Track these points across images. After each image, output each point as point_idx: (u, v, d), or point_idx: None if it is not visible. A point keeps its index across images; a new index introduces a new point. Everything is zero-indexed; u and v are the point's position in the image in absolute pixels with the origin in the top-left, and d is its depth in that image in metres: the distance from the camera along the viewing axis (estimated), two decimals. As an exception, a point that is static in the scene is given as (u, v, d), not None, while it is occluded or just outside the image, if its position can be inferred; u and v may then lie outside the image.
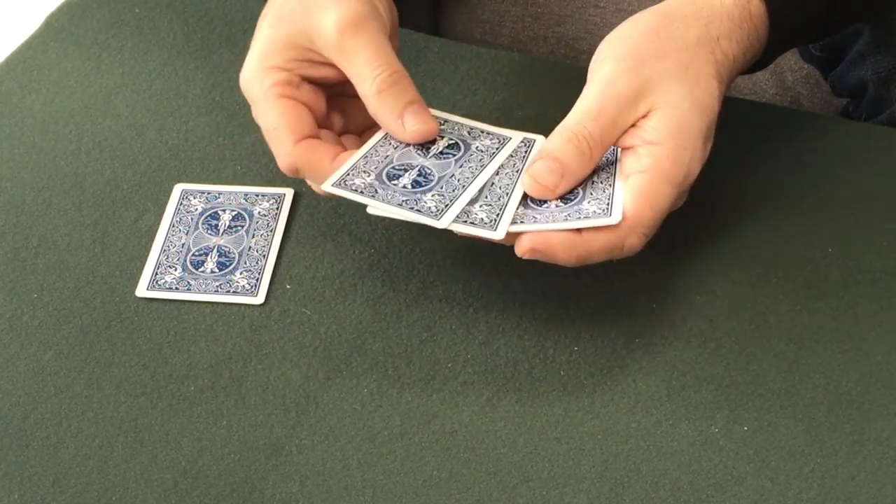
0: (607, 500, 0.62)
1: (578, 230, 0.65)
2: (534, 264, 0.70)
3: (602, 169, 0.67)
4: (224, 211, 0.77)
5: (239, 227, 0.76)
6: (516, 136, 0.70)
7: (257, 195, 0.77)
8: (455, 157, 0.69)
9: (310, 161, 0.68)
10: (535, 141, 0.70)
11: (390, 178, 0.67)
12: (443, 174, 0.67)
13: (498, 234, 0.64)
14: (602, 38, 0.71)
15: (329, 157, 0.68)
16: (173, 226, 0.76)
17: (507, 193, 0.66)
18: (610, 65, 0.68)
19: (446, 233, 0.70)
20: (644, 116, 0.67)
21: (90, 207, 0.78)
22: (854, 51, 0.87)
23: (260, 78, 0.69)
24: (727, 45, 0.69)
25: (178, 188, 0.78)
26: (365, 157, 0.68)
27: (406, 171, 0.67)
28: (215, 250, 0.74)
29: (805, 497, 0.62)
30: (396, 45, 0.74)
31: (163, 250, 0.74)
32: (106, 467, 0.65)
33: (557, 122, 0.68)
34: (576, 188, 0.67)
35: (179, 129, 0.82)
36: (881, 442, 0.64)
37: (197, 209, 0.77)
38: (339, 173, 0.67)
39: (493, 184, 0.67)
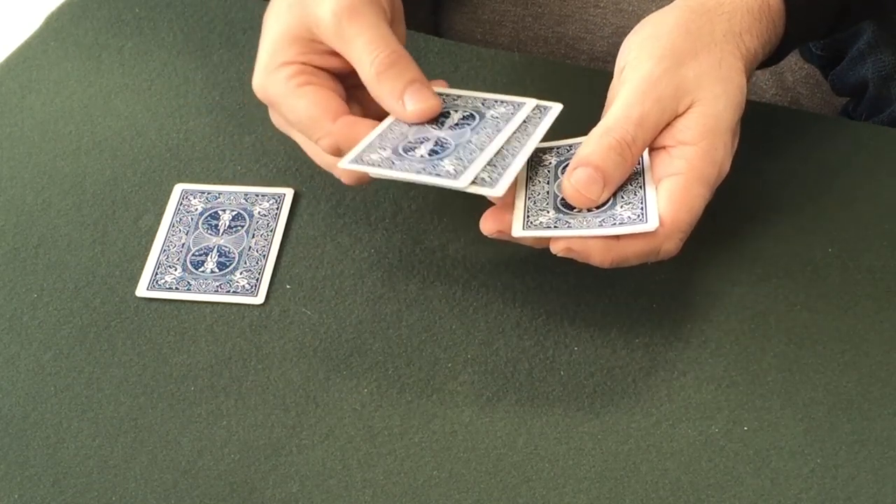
0: (607, 500, 0.62)
1: (616, 236, 0.64)
2: (535, 264, 0.70)
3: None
4: (224, 211, 0.77)
5: (239, 227, 0.76)
6: (530, 102, 0.69)
7: (257, 195, 0.77)
8: (471, 126, 0.68)
9: (351, 137, 0.67)
10: (549, 109, 0.69)
11: (406, 150, 0.66)
12: (459, 141, 0.66)
13: (496, 192, 0.63)
14: (602, 38, 0.71)
15: (369, 129, 0.67)
16: (173, 226, 0.76)
17: (513, 155, 0.65)
18: (648, 64, 0.66)
19: (447, 231, 0.70)
20: (680, 115, 0.66)
21: (90, 207, 0.78)
22: (854, 50, 0.87)
23: (275, 76, 0.69)
24: (749, 40, 0.69)
25: (178, 188, 0.78)
26: (381, 135, 0.67)
27: (422, 143, 0.66)
28: (215, 250, 0.74)
29: (805, 497, 0.62)
30: (403, 33, 0.73)
31: (163, 250, 0.74)
32: (106, 467, 0.65)
33: (557, 122, 0.67)
34: None
35: (179, 129, 0.82)
36: (881, 442, 0.64)
37: (197, 209, 0.77)
38: (354, 152, 0.66)
39: (501, 148, 0.66)
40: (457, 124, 0.68)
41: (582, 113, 0.69)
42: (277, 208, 0.77)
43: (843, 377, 0.67)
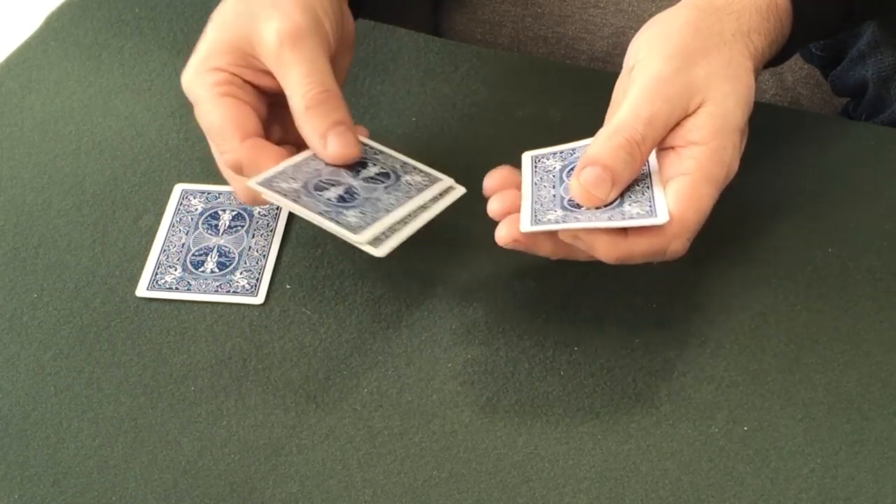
0: (607, 500, 0.62)
1: (624, 231, 0.64)
2: (535, 264, 0.70)
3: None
4: (224, 211, 0.77)
5: (239, 227, 0.76)
6: (446, 181, 0.70)
7: (257, 195, 0.77)
8: (384, 185, 0.69)
9: (255, 160, 0.67)
10: (454, 190, 0.70)
11: (317, 189, 0.67)
12: (368, 196, 0.67)
13: (379, 253, 0.64)
14: (602, 38, 0.71)
15: (275, 157, 0.68)
16: (173, 226, 0.76)
17: (405, 223, 0.67)
18: (657, 63, 0.66)
19: (447, 231, 0.70)
20: (689, 114, 0.66)
21: (90, 207, 0.78)
22: (854, 50, 0.87)
23: (202, 77, 0.69)
24: (757, 39, 0.69)
25: (178, 188, 0.78)
26: (295, 165, 0.68)
27: (333, 186, 0.67)
28: (215, 250, 0.74)
29: (805, 497, 0.62)
30: (348, 61, 0.73)
31: (163, 250, 0.74)
32: (106, 467, 0.65)
33: (557, 122, 0.67)
34: None
35: (179, 129, 0.82)
36: (881, 442, 0.64)
37: (197, 209, 0.77)
38: (265, 174, 0.66)
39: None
40: (372, 178, 0.69)
41: (582, 113, 0.69)
42: (277, 208, 0.77)
43: (843, 377, 0.67)
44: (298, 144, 0.70)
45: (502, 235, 0.65)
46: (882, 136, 0.80)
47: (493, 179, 0.68)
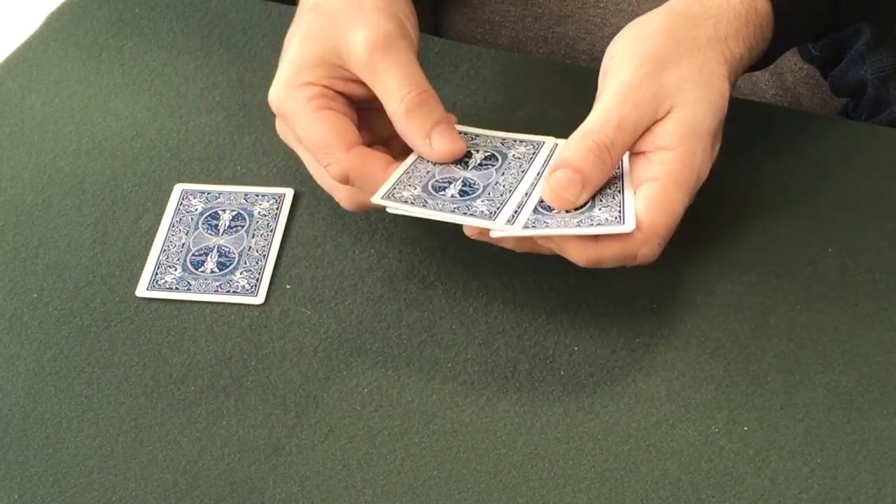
0: (607, 500, 0.62)
1: (595, 235, 0.64)
2: (535, 264, 0.70)
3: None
4: (224, 211, 0.77)
5: (239, 227, 0.76)
6: (549, 141, 0.71)
7: (257, 195, 0.77)
8: (495, 167, 0.69)
9: (362, 170, 0.68)
10: (558, 145, 0.70)
11: (436, 189, 0.67)
12: (487, 183, 0.68)
13: (515, 231, 0.64)
14: (602, 38, 0.71)
15: (381, 165, 0.68)
16: (173, 226, 0.76)
17: (527, 194, 0.67)
18: (629, 68, 0.67)
19: (447, 232, 0.70)
20: (659, 120, 0.66)
21: (90, 207, 0.78)
22: (854, 51, 0.87)
23: (295, 94, 0.69)
24: (734, 45, 0.69)
25: (178, 188, 0.78)
26: (407, 172, 0.68)
27: (450, 183, 0.68)
28: (215, 250, 0.74)
29: (805, 497, 0.62)
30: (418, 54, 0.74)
31: (163, 250, 0.74)
32: (106, 467, 0.65)
33: (557, 122, 0.68)
34: None
35: (179, 129, 0.82)
36: (881, 442, 0.64)
37: (197, 209, 0.77)
38: (385, 188, 0.67)
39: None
40: (480, 164, 0.69)
41: (581, 114, 0.69)
42: (277, 208, 0.77)
43: (843, 377, 0.67)
44: (385, 143, 0.71)
45: (471, 230, 0.66)
46: (882, 136, 0.80)
47: None
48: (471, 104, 0.82)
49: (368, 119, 0.71)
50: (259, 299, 0.72)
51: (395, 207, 0.66)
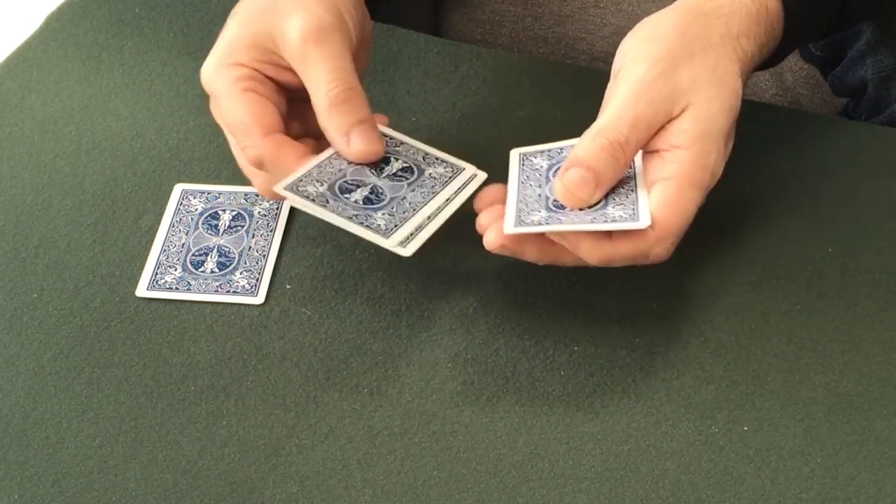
0: (607, 500, 0.62)
1: (608, 233, 0.64)
2: (534, 265, 0.70)
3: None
4: (224, 211, 0.77)
5: (239, 227, 0.76)
6: (469, 169, 0.70)
7: (257, 195, 0.77)
8: (408, 181, 0.69)
9: (276, 157, 0.67)
10: (476, 177, 0.70)
11: (342, 191, 0.67)
12: (395, 195, 0.67)
13: (406, 253, 0.64)
14: (602, 38, 0.71)
15: (296, 154, 0.68)
16: (173, 226, 0.76)
17: (430, 219, 0.67)
18: (643, 66, 0.66)
19: (447, 231, 0.69)
20: (674, 118, 0.66)
21: (90, 207, 0.78)
22: (854, 50, 0.87)
23: (224, 72, 0.69)
24: (746, 43, 0.69)
25: (178, 188, 0.78)
26: (319, 166, 0.68)
27: (358, 187, 0.67)
28: (215, 250, 0.74)
29: (805, 497, 0.62)
30: (367, 59, 0.73)
31: (163, 250, 0.74)
32: (106, 467, 0.65)
33: (557, 122, 0.67)
34: None
35: (179, 129, 0.82)
36: (881, 442, 0.64)
37: (197, 209, 0.77)
38: (291, 178, 0.67)
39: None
40: (395, 174, 0.69)
41: (581, 114, 0.69)
42: (277, 208, 0.77)
43: (843, 377, 0.67)
44: (317, 138, 0.71)
45: (490, 240, 0.66)
46: (882, 136, 0.80)
47: (483, 198, 0.68)
48: (471, 104, 0.82)
49: (303, 110, 0.71)
50: (259, 299, 0.72)
51: (295, 201, 0.66)
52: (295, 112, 0.71)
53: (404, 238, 0.65)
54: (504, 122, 0.81)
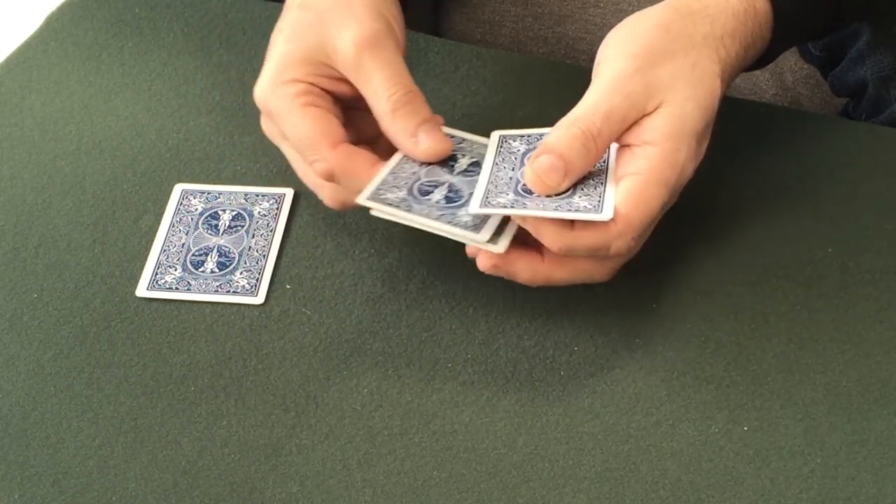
0: (607, 500, 0.62)
1: (571, 223, 0.65)
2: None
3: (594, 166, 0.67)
4: (224, 211, 0.77)
5: (239, 227, 0.76)
6: None
7: (257, 195, 0.77)
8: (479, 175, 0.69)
9: (348, 167, 0.68)
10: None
11: (422, 193, 0.67)
12: (471, 190, 0.67)
13: (499, 249, 0.65)
14: (602, 38, 0.71)
15: (367, 164, 0.68)
16: (173, 226, 0.76)
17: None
18: (621, 61, 0.67)
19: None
20: (647, 114, 0.67)
21: (90, 207, 0.78)
22: (854, 51, 0.87)
23: (281, 90, 0.69)
24: (731, 44, 0.69)
25: (178, 188, 0.78)
26: (393, 172, 0.68)
27: (436, 187, 0.68)
28: (215, 250, 0.74)
29: (805, 497, 0.62)
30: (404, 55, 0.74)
31: (163, 250, 0.74)
32: (106, 467, 0.65)
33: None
34: None
35: (179, 129, 0.82)
36: (881, 442, 0.64)
37: (197, 209, 0.77)
38: (371, 188, 0.67)
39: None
40: (465, 170, 0.69)
41: (582, 113, 0.69)
42: (277, 208, 0.77)
43: (843, 377, 0.67)
44: (372, 145, 0.71)
45: (483, 262, 0.66)
46: (882, 136, 0.80)
47: None
48: (471, 104, 0.82)
49: (354, 118, 0.71)
50: (259, 299, 0.72)
51: (379, 210, 0.66)
52: (347, 120, 0.71)
53: (493, 233, 0.65)
54: (504, 122, 0.81)
